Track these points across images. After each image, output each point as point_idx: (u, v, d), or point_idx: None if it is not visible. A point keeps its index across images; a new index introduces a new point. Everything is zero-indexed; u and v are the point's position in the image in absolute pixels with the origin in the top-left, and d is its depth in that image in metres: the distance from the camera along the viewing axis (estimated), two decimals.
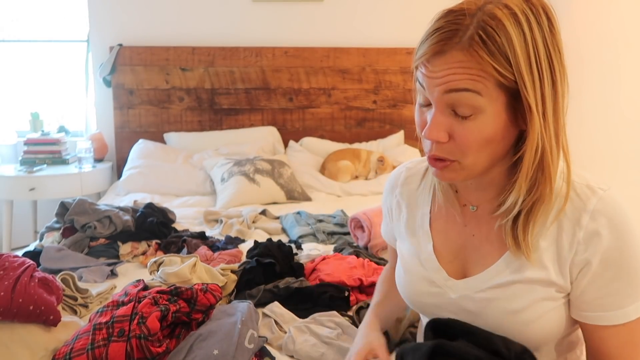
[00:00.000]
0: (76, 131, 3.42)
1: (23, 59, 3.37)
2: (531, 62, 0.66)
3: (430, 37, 0.70)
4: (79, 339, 1.04)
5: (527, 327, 0.75)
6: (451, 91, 0.69)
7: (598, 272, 0.72)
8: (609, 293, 0.72)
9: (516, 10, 0.66)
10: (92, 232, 1.87)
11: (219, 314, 1.13)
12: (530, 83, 0.66)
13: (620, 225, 0.71)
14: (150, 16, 3.27)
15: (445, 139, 0.72)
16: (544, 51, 0.67)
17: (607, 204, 0.72)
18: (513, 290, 0.75)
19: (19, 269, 1.13)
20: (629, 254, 0.71)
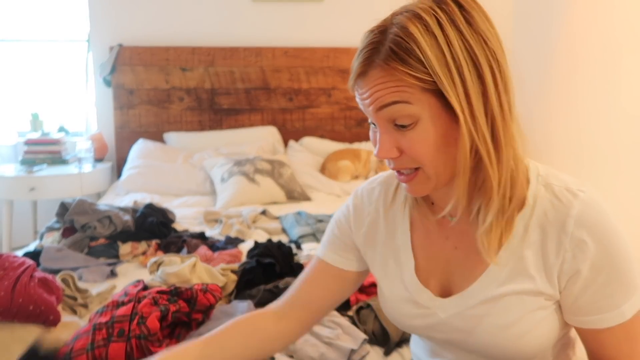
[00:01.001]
0: (76, 131, 3.42)
1: (23, 59, 3.37)
2: (447, 62, 0.65)
3: (355, 60, 0.71)
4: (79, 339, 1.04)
5: (522, 340, 0.73)
6: (381, 108, 0.69)
7: (589, 278, 0.71)
8: (603, 297, 0.71)
9: (424, 15, 0.66)
10: (92, 232, 1.87)
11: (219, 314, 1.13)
12: (449, 83, 0.65)
13: (605, 228, 0.70)
14: (150, 16, 3.27)
15: (396, 154, 0.71)
16: (460, 47, 0.66)
17: (590, 208, 0.71)
18: (503, 304, 0.73)
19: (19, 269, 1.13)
20: (617, 254, 0.70)
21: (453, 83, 0.65)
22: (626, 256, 0.71)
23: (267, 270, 1.52)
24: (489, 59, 0.67)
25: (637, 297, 0.71)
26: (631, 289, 0.71)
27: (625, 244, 0.71)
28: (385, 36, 0.68)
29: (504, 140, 0.69)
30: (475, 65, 0.66)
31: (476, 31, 0.67)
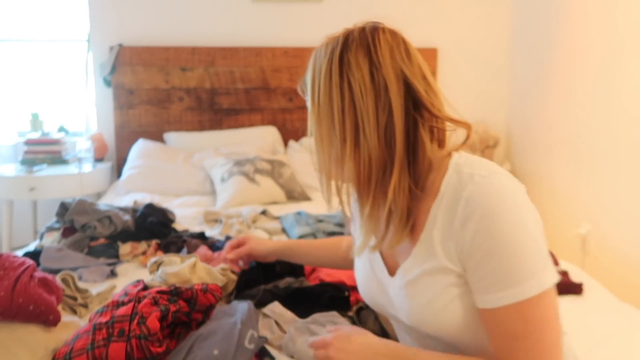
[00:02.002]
0: (76, 131, 3.42)
1: (23, 59, 3.37)
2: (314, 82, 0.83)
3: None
4: (79, 339, 1.04)
5: (442, 316, 0.78)
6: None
7: (472, 255, 0.73)
8: (482, 277, 0.73)
9: (317, 47, 0.87)
10: (92, 232, 1.86)
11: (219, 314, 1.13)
12: (311, 105, 0.83)
13: (492, 211, 0.71)
14: (150, 16, 3.27)
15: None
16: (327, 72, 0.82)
17: (480, 190, 0.73)
18: (422, 283, 0.79)
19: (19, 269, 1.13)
20: (503, 238, 0.71)
21: (312, 107, 0.85)
22: (517, 240, 0.71)
23: (267, 270, 1.52)
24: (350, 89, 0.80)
25: (528, 284, 0.71)
26: (520, 274, 0.71)
27: (519, 229, 0.72)
28: None
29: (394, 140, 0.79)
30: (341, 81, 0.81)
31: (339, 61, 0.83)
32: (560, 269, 1.63)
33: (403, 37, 0.85)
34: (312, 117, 0.81)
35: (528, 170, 3.30)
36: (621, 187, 2.39)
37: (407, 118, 0.78)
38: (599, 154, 2.56)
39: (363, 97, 0.77)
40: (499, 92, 3.55)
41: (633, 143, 2.32)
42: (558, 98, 2.94)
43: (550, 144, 3.02)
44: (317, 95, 0.80)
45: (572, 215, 2.79)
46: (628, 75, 2.35)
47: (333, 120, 0.78)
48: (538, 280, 0.71)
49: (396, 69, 0.79)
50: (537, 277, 0.71)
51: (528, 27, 3.24)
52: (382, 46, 0.80)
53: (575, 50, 2.76)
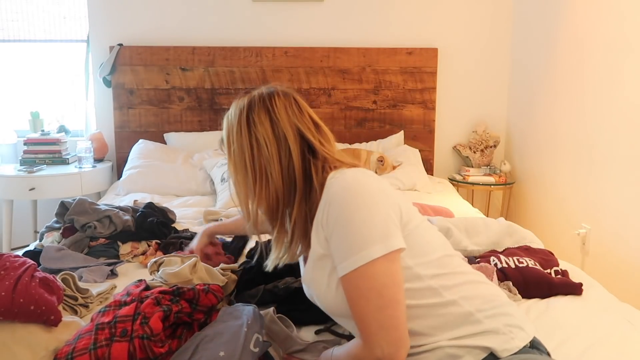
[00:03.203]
0: (76, 131, 3.42)
1: (23, 59, 3.37)
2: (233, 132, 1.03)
3: None
4: (81, 339, 1.04)
5: (336, 297, 0.93)
6: None
7: (329, 234, 0.91)
8: (337, 250, 0.90)
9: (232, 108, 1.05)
10: (92, 232, 1.86)
11: (224, 316, 1.13)
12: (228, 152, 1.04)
13: (334, 196, 0.90)
14: (150, 16, 3.27)
15: None
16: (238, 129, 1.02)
17: (333, 182, 0.93)
18: (316, 269, 0.97)
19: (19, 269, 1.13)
20: (336, 222, 0.89)
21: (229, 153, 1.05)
22: (350, 219, 0.88)
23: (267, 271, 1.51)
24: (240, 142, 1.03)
25: (359, 255, 0.87)
26: (353, 247, 0.87)
27: (353, 210, 0.88)
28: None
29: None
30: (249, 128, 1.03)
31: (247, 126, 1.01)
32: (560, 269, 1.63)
33: (294, 95, 1.05)
34: (229, 166, 1.02)
35: (528, 170, 3.30)
36: (621, 187, 2.39)
37: (304, 160, 0.99)
38: (599, 154, 2.56)
39: (268, 147, 0.98)
40: (499, 92, 3.55)
41: (633, 143, 2.32)
42: (558, 98, 2.94)
43: (550, 144, 3.02)
44: (232, 148, 1.00)
45: (572, 215, 2.79)
46: (628, 75, 2.35)
47: (246, 167, 0.99)
48: (368, 252, 0.87)
49: (291, 123, 1.00)
50: (367, 249, 0.86)
51: (528, 27, 3.24)
52: (279, 106, 1.00)
53: (575, 51, 2.76)
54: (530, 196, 3.27)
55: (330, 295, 0.94)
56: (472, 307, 0.93)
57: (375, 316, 0.86)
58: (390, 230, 0.88)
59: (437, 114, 3.45)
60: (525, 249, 1.72)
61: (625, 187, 2.36)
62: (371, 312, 0.87)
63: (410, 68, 3.33)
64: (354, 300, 0.89)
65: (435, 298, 0.93)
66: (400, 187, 2.88)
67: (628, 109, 2.36)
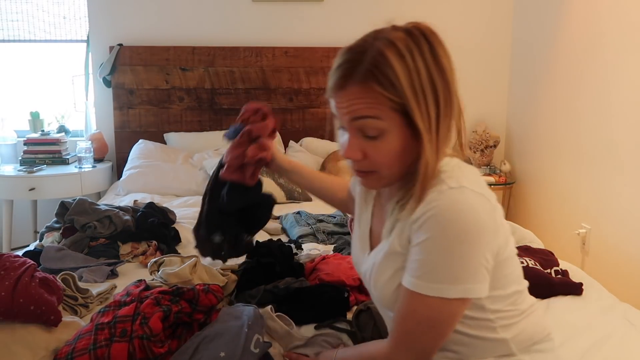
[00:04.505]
0: (76, 131, 3.42)
1: (23, 59, 3.37)
2: (414, 87, 0.80)
3: (334, 72, 0.85)
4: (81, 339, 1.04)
5: (394, 294, 0.89)
6: (356, 119, 0.83)
7: (415, 242, 0.84)
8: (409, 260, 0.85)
9: (399, 44, 0.81)
10: (92, 232, 1.86)
11: (225, 316, 1.13)
12: (415, 105, 0.80)
13: (439, 218, 0.80)
14: (150, 16, 3.27)
15: (360, 156, 0.86)
16: (425, 75, 0.80)
17: (441, 197, 0.81)
18: (384, 263, 0.91)
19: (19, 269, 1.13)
20: (429, 244, 0.81)
21: (418, 106, 0.80)
22: (451, 250, 0.80)
23: (267, 270, 1.52)
24: (444, 87, 0.82)
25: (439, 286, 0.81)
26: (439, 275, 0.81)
27: (461, 242, 0.80)
28: (364, 57, 0.82)
29: (441, 153, 0.85)
30: (434, 91, 0.81)
31: (438, 63, 0.82)
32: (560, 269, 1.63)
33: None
34: (420, 111, 0.81)
35: (528, 170, 3.30)
36: (621, 187, 2.39)
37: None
38: (599, 154, 2.56)
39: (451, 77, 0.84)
40: (499, 92, 3.55)
41: (633, 143, 2.32)
42: (558, 98, 2.94)
43: (550, 144, 3.02)
44: (421, 89, 0.80)
45: (572, 215, 2.79)
46: (628, 75, 2.35)
47: (439, 105, 0.82)
48: (445, 288, 0.81)
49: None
50: (448, 285, 0.81)
51: (528, 27, 3.24)
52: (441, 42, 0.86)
53: (575, 51, 2.76)
54: (530, 196, 3.27)
55: (389, 290, 0.90)
56: (516, 345, 0.91)
57: (415, 337, 0.85)
58: (479, 276, 0.82)
59: None
60: (525, 248, 1.72)
61: (626, 187, 2.36)
62: (414, 332, 0.85)
63: None
64: (405, 314, 0.86)
65: (489, 333, 0.89)
66: None
67: (628, 109, 2.36)
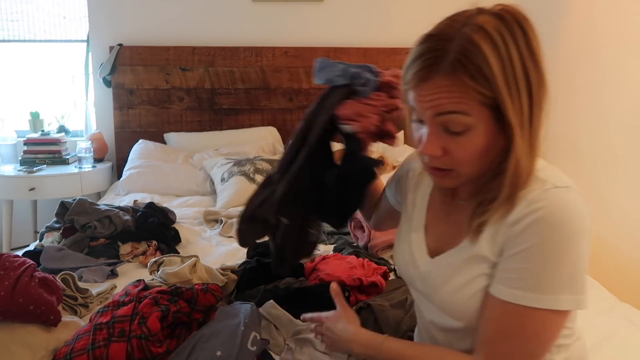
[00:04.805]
0: (76, 131, 3.42)
1: (23, 59, 3.37)
2: (508, 79, 0.71)
3: (415, 62, 0.75)
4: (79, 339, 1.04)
5: (470, 302, 0.80)
6: (440, 114, 0.74)
7: (510, 248, 0.76)
8: (505, 269, 0.76)
9: (491, 31, 0.71)
10: (92, 232, 1.86)
11: (222, 315, 1.13)
12: (508, 99, 0.71)
13: (549, 219, 0.73)
14: (150, 16, 3.27)
15: (440, 153, 0.77)
16: (519, 65, 0.71)
17: (548, 197, 0.74)
18: (462, 269, 0.82)
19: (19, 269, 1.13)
20: (539, 249, 0.73)
21: (511, 100, 0.71)
22: (563, 255, 0.73)
23: (267, 270, 1.52)
24: (537, 78, 0.73)
25: (547, 297, 0.73)
26: (547, 285, 0.73)
27: (571, 247, 0.73)
28: (451, 45, 0.72)
29: (535, 150, 0.76)
30: (527, 83, 0.72)
31: (532, 51, 0.73)
32: None
33: None
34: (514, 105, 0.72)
35: None
36: (620, 187, 2.39)
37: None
38: (600, 153, 2.56)
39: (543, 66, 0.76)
40: None
41: (633, 143, 2.32)
42: (558, 98, 2.93)
43: (550, 144, 3.02)
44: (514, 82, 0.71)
45: None
46: (628, 75, 2.35)
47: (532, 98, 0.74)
48: (558, 299, 0.73)
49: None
50: (560, 295, 0.73)
51: None
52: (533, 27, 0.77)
53: (575, 50, 2.76)
54: None
55: (462, 297, 0.81)
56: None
57: (519, 354, 0.77)
58: (586, 285, 0.75)
59: None
60: None
61: (626, 187, 2.36)
62: (517, 349, 0.76)
63: None
64: (507, 330, 0.76)
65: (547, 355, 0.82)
66: None
67: (629, 109, 2.36)
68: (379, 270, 1.58)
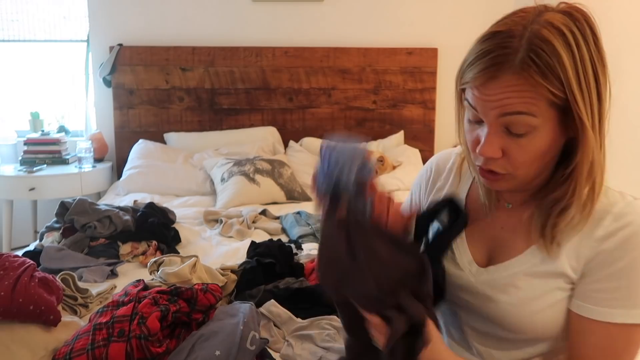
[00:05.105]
0: (76, 131, 3.42)
1: (23, 59, 3.37)
2: (580, 79, 0.68)
3: (480, 60, 0.71)
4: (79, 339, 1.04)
5: (536, 316, 0.78)
6: (506, 114, 0.71)
7: (603, 266, 0.74)
8: (604, 289, 0.74)
9: (563, 29, 0.68)
10: (92, 232, 1.87)
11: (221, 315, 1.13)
12: (581, 100, 0.68)
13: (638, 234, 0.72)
14: (150, 16, 3.27)
15: (499, 154, 0.74)
16: (590, 66, 0.69)
17: (633, 209, 0.74)
18: (532, 281, 0.78)
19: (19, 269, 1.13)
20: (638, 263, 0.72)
21: (583, 101, 0.68)
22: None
23: (267, 270, 1.52)
24: (604, 79, 0.71)
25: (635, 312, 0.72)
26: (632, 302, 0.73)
27: None
28: (520, 42, 0.68)
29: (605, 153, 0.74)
30: (597, 84, 0.70)
31: (600, 52, 0.70)
32: None
33: None
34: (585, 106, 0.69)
35: None
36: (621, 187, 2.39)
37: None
38: None
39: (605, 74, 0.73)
40: None
41: (633, 144, 2.32)
42: None
43: None
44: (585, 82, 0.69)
45: None
46: (627, 76, 2.35)
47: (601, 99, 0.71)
48: None
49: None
50: None
51: None
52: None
53: None
54: None
55: (523, 311, 0.78)
56: None
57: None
58: None
59: (437, 114, 3.45)
60: None
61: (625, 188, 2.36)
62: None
63: (410, 68, 3.33)
64: (609, 352, 0.74)
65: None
66: (400, 187, 2.88)
67: (629, 109, 2.36)
68: None
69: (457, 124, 0.81)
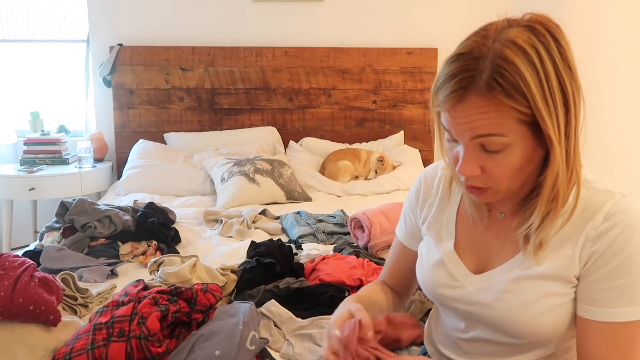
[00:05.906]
0: (76, 131, 3.42)
1: (23, 59, 3.37)
2: (545, 95, 0.69)
3: (447, 83, 0.71)
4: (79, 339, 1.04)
5: (536, 320, 0.78)
6: (478, 137, 0.72)
7: (598, 268, 0.75)
8: (601, 289, 0.75)
9: (525, 47, 0.69)
10: (92, 232, 1.87)
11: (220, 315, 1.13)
12: (547, 115, 0.69)
13: (632, 228, 0.73)
14: (150, 16, 3.27)
15: (478, 172, 0.76)
16: (555, 78, 0.69)
17: (623, 207, 0.75)
18: (524, 285, 0.79)
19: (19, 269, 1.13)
20: (634, 259, 0.73)
21: (550, 116, 0.70)
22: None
23: (267, 270, 1.52)
24: (573, 89, 0.72)
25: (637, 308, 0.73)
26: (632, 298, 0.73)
27: None
28: (484, 64, 0.69)
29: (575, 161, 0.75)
30: (564, 96, 0.71)
31: (566, 63, 0.71)
32: None
33: None
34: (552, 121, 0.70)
35: None
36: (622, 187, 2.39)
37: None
38: (600, 153, 2.56)
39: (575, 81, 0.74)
40: None
41: (632, 144, 2.32)
42: None
43: None
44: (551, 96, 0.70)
45: None
46: (627, 76, 2.35)
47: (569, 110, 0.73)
48: None
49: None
50: None
51: None
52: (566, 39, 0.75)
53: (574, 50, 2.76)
54: None
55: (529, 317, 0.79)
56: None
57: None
58: None
59: None
60: None
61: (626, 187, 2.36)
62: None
63: (410, 68, 3.33)
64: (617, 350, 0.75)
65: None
66: (400, 187, 2.88)
67: (629, 109, 2.36)
68: (378, 270, 1.58)
69: (440, 141, 0.83)
